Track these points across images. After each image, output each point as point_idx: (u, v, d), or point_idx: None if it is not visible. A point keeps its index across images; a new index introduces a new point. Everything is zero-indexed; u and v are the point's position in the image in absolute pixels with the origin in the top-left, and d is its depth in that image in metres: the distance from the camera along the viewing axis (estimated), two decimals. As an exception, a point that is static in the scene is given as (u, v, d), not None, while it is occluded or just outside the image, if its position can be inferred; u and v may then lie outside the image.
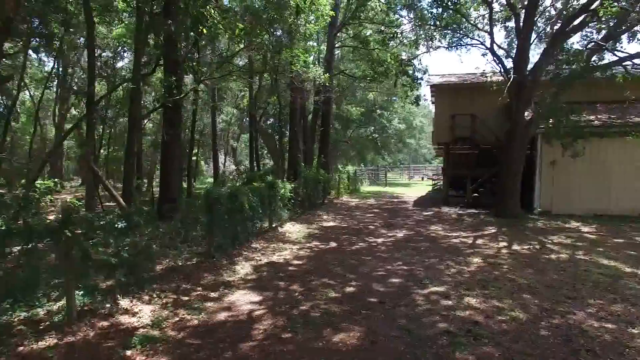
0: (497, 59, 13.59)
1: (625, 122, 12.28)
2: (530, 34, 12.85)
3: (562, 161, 12.57)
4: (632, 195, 12.49)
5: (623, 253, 8.00)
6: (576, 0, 14.22)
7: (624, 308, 5.07)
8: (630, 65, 11.60)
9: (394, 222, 12.00)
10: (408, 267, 6.93)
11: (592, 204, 12.71)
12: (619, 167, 12.55)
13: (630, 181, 12.49)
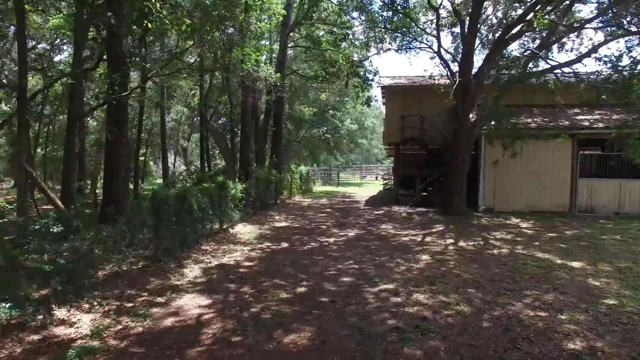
0: (444, 63, 14.12)
1: (557, 125, 13.17)
2: (474, 40, 13.47)
3: (503, 161, 13.27)
4: (563, 193, 13.42)
5: (555, 246, 8.57)
6: (514, 11, 15.12)
7: (554, 297, 5.42)
8: (560, 73, 12.44)
9: (346, 222, 12.13)
10: (359, 266, 7.02)
11: (529, 201, 13.52)
12: (551, 167, 13.44)
13: (561, 179, 13.41)
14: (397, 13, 14.44)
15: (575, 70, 12.13)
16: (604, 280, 6.20)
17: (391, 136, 17.74)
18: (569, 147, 13.30)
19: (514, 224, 11.47)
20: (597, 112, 14.24)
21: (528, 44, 14.64)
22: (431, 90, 15.28)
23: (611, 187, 13.29)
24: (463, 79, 12.52)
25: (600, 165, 14.10)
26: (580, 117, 14.04)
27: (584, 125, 13.28)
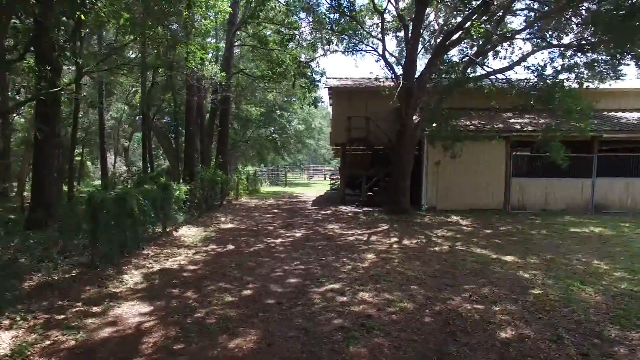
0: (388, 66, 14.53)
1: (492, 128, 14.01)
2: (417, 44, 13.97)
3: (444, 162, 13.90)
4: (498, 191, 14.30)
5: (491, 242, 9.10)
6: (454, 19, 15.85)
7: (490, 290, 5.76)
8: (494, 79, 13.24)
9: (293, 222, 12.14)
10: (305, 267, 7.06)
11: (469, 200, 14.27)
12: (488, 167, 14.27)
13: (495, 179, 14.28)
14: (344, 16, 14.65)
15: (507, 77, 12.97)
16: (532, 272, 6.67)
17: (338, 137, 17.98)
18: (503, 148, 14.19)
19: (455, 221, 12.04)
20: (527, 117, 15.31)
21: (467, 51, 15.45)
22: (377, 92, 15.68)
23: (539, 186, 14.36)
24: (407, 82, 12.95)
25: (530, 165, 15.19)
26: (513, 121, 15.04)
27: (516, 128, 14.26)
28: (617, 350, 4.02)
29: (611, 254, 7.94)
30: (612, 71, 12.54)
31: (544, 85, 11.73)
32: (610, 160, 14.68)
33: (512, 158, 14.41)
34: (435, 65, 13.35)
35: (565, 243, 8.99)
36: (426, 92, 13.52)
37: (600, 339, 4.23)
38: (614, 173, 14.49)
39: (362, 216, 13.07)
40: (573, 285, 5.94)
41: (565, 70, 11.80)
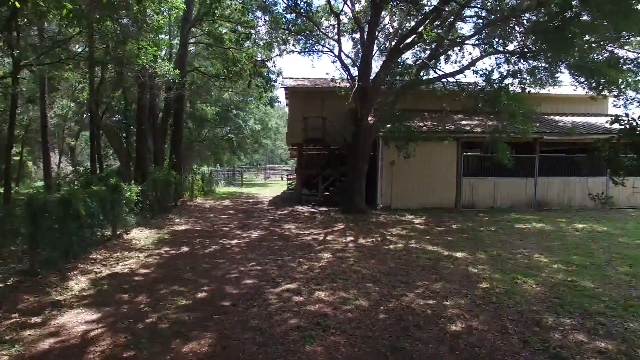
0: (344, 67, 14.71)
1: (444, 129, 14.55)
2: (372, 46, 14.24)
3: (399, 162, 14.26)
4: (450, 190, 14.87)
5: (443, 239, 9.45)
6: (408, 23, 16.30)
7: (441, 285, 5.99)
8: (446, 82, 13.75)
9: (249, 223, 12.02)
10: (262, 267, 7.01)
11: (422, 199, 14.72)
12: (440, 167, 14.81)
13: (447, 178, 14.84)
14: (301, 16, 14.69)
15: (458, 80, 13.50)
16: (480, 267, 7.00)
17: (294, 137, 17.99)
18: (455, 149, 14.77)
19: (409, 220, 12.38)
20: (477, 119, 16.01)
21: (420, 54, 15.93)
22: (333, 93, 15.84)
23: (488, 185, 15.06)
24: (362, 83, 13.18)
25: (480, 165, 15.91)
26: (463, 123, 15.69)
27: (466, 129, 14.88)
28: (552, 335, 4.32)
29: (550, 248, 8.48)
30: (550, 78, 13.37)
31: (490, 89, 12.34)
32: (550, 161, 15.66)
33: (463, 158, 15.03)
34: (390, 68, 13.68)
35: (510, 239, 9.50)
36: (381, 93, 13.82)
37: (539, 327, 4.53)
38: (553, 172, 15.48)
39: (319, 216, 13.16)
40: (517, 278, 6.29)
41: (510, 76, 12.45)
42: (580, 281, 6.17)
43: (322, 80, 19.14)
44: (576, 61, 11.15)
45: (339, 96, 14.72)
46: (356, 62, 15.74)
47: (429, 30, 11.44)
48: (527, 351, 3.99)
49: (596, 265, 7.13)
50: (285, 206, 16.11)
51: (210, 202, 18.26)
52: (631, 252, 8.16)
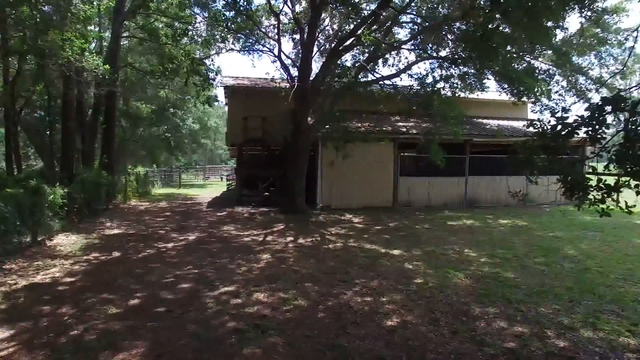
0: (284, 67, 14.70)
1: (382, 130, 15.01)
2: (312, 47, 14.34)
3: (338, 162, 14.49)
4: (388, 190, 15.36)
5: (380, 237, 9.74)
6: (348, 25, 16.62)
7: (378, 282, 6.17)
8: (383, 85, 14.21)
9: (186, 225, 11.63)
10: (199, 271, 6.81)
11: (361, 198, 15.07)
12: (378, 167, 15.25)
13: (385, 178, 15.33)
14: (240, 14, 14.45)
15: (394, 83, 14.00)
16: (415, 263, 7.30)
17: (234, 137, 17.71)
18: (392, 150, 15.28)
19: (348, 219, 12.62)
20: (412, 120, 16.67)
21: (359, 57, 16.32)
22: (273, 93, 15.79)
23: (423, 184, 15.75)
24: (302, 84, 13.24)
25: (416, 165, 16.60)
26: (400, 124, 16.27)
27: (402, 131, 15.44)
28: (478, 324, 4.63)
29: (478, 243, 9.05)
30: (478, 83, 14.30)
31: (424, 92, 12.93)
32: (479, 161, 16.71)
33: (400, 159, 15.59)
34: (329, 69, 13.87)
35: (443, 235, 10.00)
36: (320, 94, 13.97)
37: (467, 317, 4.82)
38: (482, 172, 16.53)
39: (259, 217, 13.04)
40: (448, 272, 6.64)
41: (442, 80, 13.13)
42: (503, 272, 6.64)
43: (263, 80, 19.00)
44: (500, 69, 12.01)
45: (279, 96, 14.69)
46: (296, 63, 15.76)
47: (366, 34, 11.74)
48: (456, 340, 4.23)
49: (517, 257, 7.72)
50: (225, 207, 15.78)
51: (146, 204, 17.44)
52: (545, 244, 8.94)
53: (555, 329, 4.52)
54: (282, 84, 15.64)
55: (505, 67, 12.07)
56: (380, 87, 14.20)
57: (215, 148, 74.03)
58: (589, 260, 7.48)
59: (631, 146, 3.41)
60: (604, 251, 8.27)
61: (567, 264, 7.26)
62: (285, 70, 14.68)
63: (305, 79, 13.67)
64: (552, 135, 3.88)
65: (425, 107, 12.62)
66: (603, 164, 3.75)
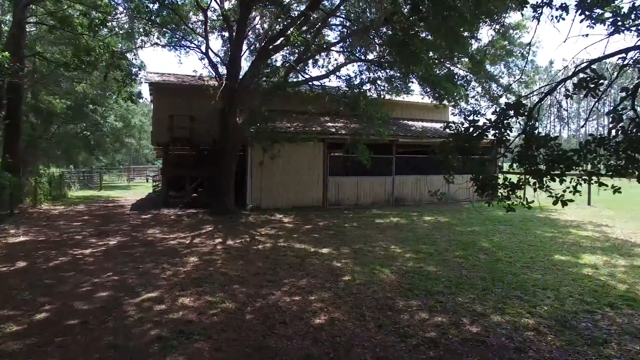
0: (212, 65, 14.32)
1: (311, 130, 15.12)
2: (241, 45, 14.09)
3: (268, 162, 14.41)
4: (318, 189, 15.55)
5: (310, 237, 9.84)
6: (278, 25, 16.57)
7: (307, 281, 6.22)
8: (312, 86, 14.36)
9: (107, 230, 10.87)
10: (120, 277, 6.40)
11: (292, 198, 15.11)
12: (308, 167, 15.39)
13: (315, 178, 15.51)
14: (165, 7, 13.80)
15: (323, 84, 14.20)
16: (344, 261, 7.46)
17: (160, 136, 16.89)
18: (321, 150, 15.49)
19: (278, 219, 12.58)
20: (342, 121, 17.04)
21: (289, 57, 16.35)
22: (201, 91, 15.30)
23: (352, 184, 16.15)
24: (230, 83, 12.96)
25: (344, 165, 16.98)
26: (329, 125, 16.54)
27: (331, 131, 15.69)
28: (402, 317, 4.84)
29: (404, 239, 9.47)
30: (404, 87, 14.99)
31: (351, 93, 13.27)
32: (405, 161, 17.49)
33: (329, 159, 15.84)
34: (259, 68, 13.72)
35: (371, 233, 10.33)
36: (249, 93, 13.78)
37: (392, 311, 5.02)
38: (407, 172, 17.33)
39: (186, 218, 12.56)
40: (375, 268, 6.87)
41: (369, 82, 13.57)
42: (426, 267, 7.02)
43: (190, 78, 18.34)
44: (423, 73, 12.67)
45: (207, 95, 14.23)
46: (225, 61, 15.41)
47: (296, 35, 11.77)
48: (381, 334, 4.38)
49: (439, 252, 8.19)
50: (150, 209, 15.00)
51: (60, 208, 16.04)
52: (464, 238, 9.59)
53: (470, 316, 4.86)
54: (211, 82, 15.21)
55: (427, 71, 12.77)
56: (309, 87, 14.33)
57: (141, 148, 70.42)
58: (500, 252, 8.15)
59: (529, 147, 3.76)
60: (512, 242, 9.06)
61: (482, 256, 7.85)
62: (213, 68, 14.29)
63: (233, 78, 13.41)
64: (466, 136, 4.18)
65: (352, 108, 12.96)
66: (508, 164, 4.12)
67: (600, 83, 3.70)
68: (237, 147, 13.85)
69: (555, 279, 6.31)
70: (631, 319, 4.83)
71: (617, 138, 3.66)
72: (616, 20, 5.39)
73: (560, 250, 8.27)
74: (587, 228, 10.94)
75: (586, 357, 3.90)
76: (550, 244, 8.96)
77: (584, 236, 9.83)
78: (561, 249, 8.40)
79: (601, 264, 7.23)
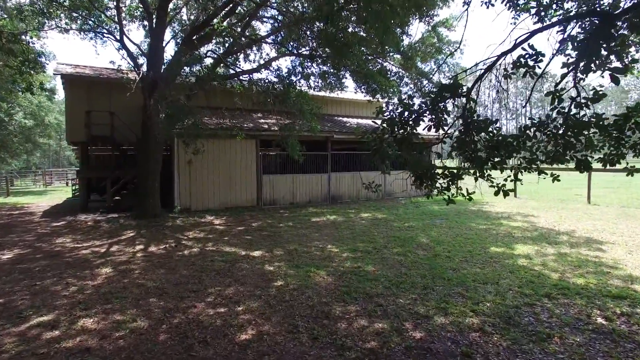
0: (129, 55, 13.02)
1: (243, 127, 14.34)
2: (162, 35, 12.96)
3: (198, 161, 13.46)
4: (251, 188, 14.82)
5: (242, 239, 9.15)
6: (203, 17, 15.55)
7: (235, 289, 5.58)
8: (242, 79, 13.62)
9: (3, 241, 9.39)
10: (5, 299, 5.33)
11: (224, 198, 14.25)
12: (240, 165, 14.60)
13: (248, 176, 14.76)
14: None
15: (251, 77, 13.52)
16: (276, 264, 6.89)
17: (75, 134, 15.26)
18: (254, 147, 14.78)
19: (209, 221, 11.73)
20: (275, 117, 16.42)
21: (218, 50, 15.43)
22: (122, 85, 14.02)
23: (287, 182, 15.60)
24: (151, 75, 11.87)
25: (278, 163, 16.39)
26: (262, 121, 15.86)
27: (264, 127, 15.02)
28: (339, 326, 4.36)
29: (341, 238, 9.10)
30: (338, 83, 14.67)
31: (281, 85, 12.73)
32: (341, 158, 17.27)
33: (262, 156, 15.17)
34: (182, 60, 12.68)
35: (307, 232, 9.85)
36: (173, 87, 12.73)
37: (328, 319, 4.54)
38: (344, 168, 17.13)
39: (105, 224, 11.31)
40: (310, 271, 6.38)
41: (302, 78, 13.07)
42: (364, 266, 6.65)
43: (110, 71, 16.82)
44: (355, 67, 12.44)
45: (129, 89, 12.98)
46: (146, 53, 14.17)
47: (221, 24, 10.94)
48: (316, 347, 3.89)
49: (377, 249, 7.90)
50: (65, 216, 13.43)
51: (-49, 218, 13.89)
52: (402, 234, 9.41)
53: (413, 319, 4.51)
54: (131, 75, 13.92)
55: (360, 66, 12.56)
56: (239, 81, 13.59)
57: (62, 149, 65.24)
58: (438, 246, 8.03)
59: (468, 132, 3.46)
60: (449, 236, 9.02)
61: (420, 252, 7.66)
62: (131, 58, 12.99)
63: (155, 70, 12.31)
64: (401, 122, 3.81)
65: (282, 101, 12.41)
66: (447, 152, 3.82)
67: (539, 60, 3.49)
68: (161, 144, 12.76)
69: (494, 272, 6.22)
70: (567, 308, 4.76)
71: (556, 122, 3.47)
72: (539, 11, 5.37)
73: (495, 242, 8.32)
74: (516, 219, 11.29)
75: (533, 356, 3.68)
76: (485, 235, 9.04)
77: (514, 227, 10.08)
78: (496, 241, 8.46)
79: (533, 254, 7.31)
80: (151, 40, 12.88)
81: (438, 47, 16.82)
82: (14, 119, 25.91)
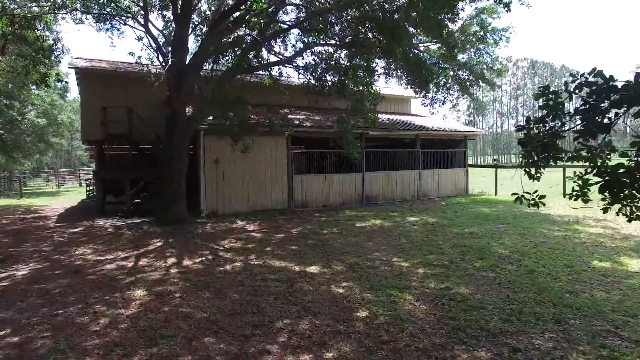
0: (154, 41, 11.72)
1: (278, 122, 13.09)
2: (188, 21, 11.81)
3: (225, 160, 12.33)
4: (282, 190, 13.61)
5: (288, 249, 7.94)
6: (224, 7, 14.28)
7: (310, 323, 4.38)
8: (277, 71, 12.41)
9: (18, 252, 8.29)
10: (20, 338, 4.16)
11: (252, 201, 13.07)
12: (270, 165, 13.40)
13: (278, 177, 13.54)
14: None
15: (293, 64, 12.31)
16: (344, 284, 5.67)
17: (90, 132, 14.20)
18: (284, 145, 13.59)
19: (241, 227, 10.55)
20: (303, 113, 15.23)
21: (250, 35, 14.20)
22: (141, 79, 12.98)
23: (319, 182, 14.36)
24: (177, 65, 10.71)
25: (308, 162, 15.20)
26: (291, 117, 14.64)
27: (295, 123, 13.73)
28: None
29: (401, 247, 7.87)
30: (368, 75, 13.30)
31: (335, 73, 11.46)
32: (375, 156, 16.02)
33: (293, 155, 13.97)
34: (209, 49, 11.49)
35: (358, 241, 8.63)
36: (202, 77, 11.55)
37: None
38: (378, 167, 15.88)
39: (127, 231, 10.17)
40: (392, 294, 5.16)
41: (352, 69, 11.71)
42: (456, 287, 5.41)
43: (127, 64, 15.79)
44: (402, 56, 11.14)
45: (148, 83, 11.83)
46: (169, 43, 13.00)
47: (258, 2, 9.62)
48: None
49: (454, 263, 6.65)
50: (82, 220, 12.36)
51: (-40, 222, 12.90)
52: (470, 242, 8.15)
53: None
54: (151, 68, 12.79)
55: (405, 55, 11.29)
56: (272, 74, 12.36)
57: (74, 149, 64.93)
58: (525, 259, 6.77)
59: None
60: (527, 246, 7.73)
61: (508, 266, 6.40)
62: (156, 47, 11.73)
63: (181, 60, 11.14)
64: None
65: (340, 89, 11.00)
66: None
67: None
68: (187, 142, 11.59)
69: (626, 297, 4.96)
70: None
71: None
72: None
73: (591, 255, 7.03)
74: (589, 224, 9.96)
75: None
76: (570, 245, 7.74)
77: (596, 234, 8.76)
78: (591, 253, 7.16)
79: (653, 271, 6.03)
80: (176, 27, 11.69)
81: (480, 35, 15.49)
82: (26, 117, 25.01)
